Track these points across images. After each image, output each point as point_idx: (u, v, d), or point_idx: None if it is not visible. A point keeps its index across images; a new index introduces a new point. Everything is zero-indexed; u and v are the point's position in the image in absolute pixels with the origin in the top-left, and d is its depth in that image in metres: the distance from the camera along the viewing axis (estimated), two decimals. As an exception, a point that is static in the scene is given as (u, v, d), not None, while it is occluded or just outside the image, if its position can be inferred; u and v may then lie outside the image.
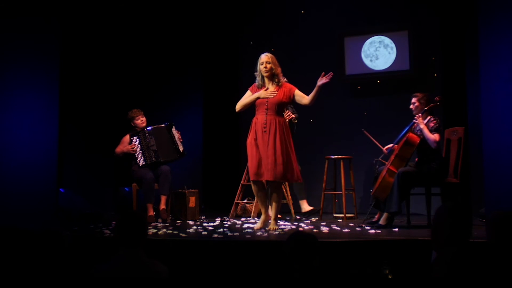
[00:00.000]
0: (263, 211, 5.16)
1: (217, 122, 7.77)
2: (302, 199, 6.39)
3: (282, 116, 5.13)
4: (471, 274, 2.29)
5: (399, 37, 7.07)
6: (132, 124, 6.29)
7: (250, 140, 5.05)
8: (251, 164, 5.01)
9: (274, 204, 5.05)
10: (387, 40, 7.13)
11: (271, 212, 5.15)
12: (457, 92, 6.38)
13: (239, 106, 5.15)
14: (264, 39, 7.70)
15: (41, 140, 5.29)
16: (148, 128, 6.26)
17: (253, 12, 7.81)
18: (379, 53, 7.17)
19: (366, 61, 7.23)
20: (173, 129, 6.28)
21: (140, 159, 6.18)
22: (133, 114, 6.26)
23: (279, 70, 5.09)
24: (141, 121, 6.27)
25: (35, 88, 5.30)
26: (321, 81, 4.93)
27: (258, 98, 5.04)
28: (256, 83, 5.14)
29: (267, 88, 5.07)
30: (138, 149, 6.19)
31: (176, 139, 6.25)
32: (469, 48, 6.14)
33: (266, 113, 4.99)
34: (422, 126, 5.13)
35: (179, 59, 7.59)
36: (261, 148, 4.96)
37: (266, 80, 5.10)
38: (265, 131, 4.95)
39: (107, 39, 7.21)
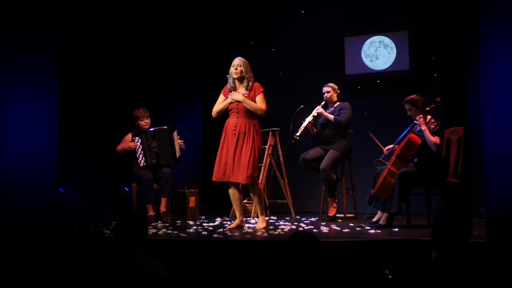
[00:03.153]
0: (237, 215, 5.27)
1: (217, 122, 7.74)
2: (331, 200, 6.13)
3: (254, 118, 5.13)
4: (471, 274, 2.29)
5: (399, 37, 7.07)
6: (136, 123, 6.28)
7: (221, 142, 5.14)
8: (216, 166, 5.08)
9: (256, 203, 5.18)
10: (387, 40, 7.13)
11: (256, 211, 5.20)
12: (457, 92, 6.38)
13: (214, 112, 5.23)
14: (264, 39, 7.72)
15: (41, 140, 5.28)
16: (151, 129, 6.26)
17: (253, 12, 7.82)
18: (379, 53, 7.18)
19: (366, 61, 7.23)
20: (175, 133, 6.26)
21: (141, 160, 6.18)
22: (139, 114, 6.24)
23: (250, 74, 5.15)
24: (145, 122, 6.26)
25: (35, 88, 5.30)
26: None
27: (231, 102, 5.11)
28: (228, 86, 5.21)
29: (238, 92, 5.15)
30: (140, 149, 6.19)
31: (175, 143, 6.24)
32: (469, 48, 6.14)
33: (237, 116, 5.08)
34: (423, 127, 5.10)
35: (179, 59, 7.59)
36: (229, 151, 5.03)
37: (237, 82, 5.17)
38: (234, 134, 5.04)
39: (107, 39, 7.21)
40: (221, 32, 7.83)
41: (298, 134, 5.97)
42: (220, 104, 5.20)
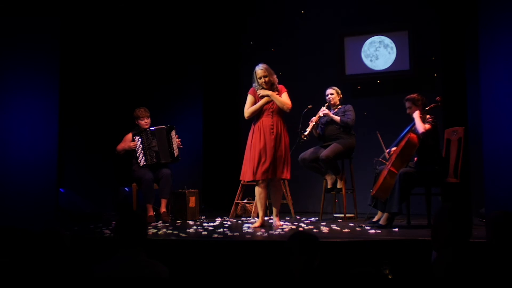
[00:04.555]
0: (261, 214, 5.35)
1: (217, 122, 7.77)
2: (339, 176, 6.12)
3: (284, 117, 5.36)
4: (471, 274, 2.29)
5: (399, 37, 7.07)
6: (136, 122, 6.29)
7: (254, 142, 5.26)
8: (260, 163, 5.20)
9: (278, 200, 5.38)
10: (387, 40, 7.13)
11: (275, 208, 5.36)
12: (457, 92, 6.38)
13: (248, 113, 5.35)
14: (264, 39, 7.72)
15: (41, 140, 5.28)
16: (151, 129, 6.26)
17: (253, 12, 7.82)
18: (379, 53, 7.18)
19: (366, 61, 7.23)
20: (173, 132, 6.27)
21: (141, 159, 6.18)
22: (140, 113, 6.25)
23: (274, 77, 5.38)
24: (145, 122, 6.27)
25: (35, 88, 5.30)
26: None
27: (267, 102, 5.30)
28: (257, 91, 5.37)
29: None
30: (140, 148, 6.19)
31: (174, 143, 6.25)
32: (469, 48, 6.14)
33: (272, 116, 5.27)
34: (415, 115, 5.13)
35: (179, 59, 7.59)
36: (268, 150, 5.20)
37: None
38: (272, 133, 5.22)
39: (107, 39, 7.21)
40: (222, 33, 7.83)
41: (306, 133, 5.98)
42: (253, 105, 5.33)
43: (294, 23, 7.60)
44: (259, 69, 5.32)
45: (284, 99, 5.29)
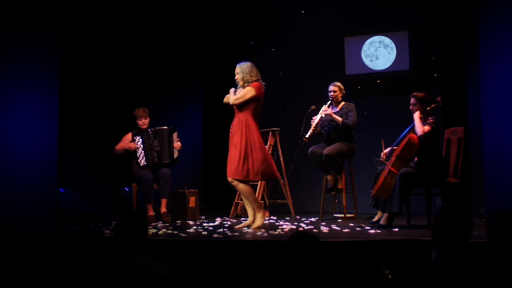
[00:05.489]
0: (250, 213, 5.26)
1: (217, 122, 7.76)
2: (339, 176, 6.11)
3: (246, 115, 5.11)
4: (471, 274, 2.29)
5: (399, 37, 7.07)
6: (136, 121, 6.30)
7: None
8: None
9: (245, 201, 5.24)
10: (387, 40, 7.13)
11: (252, 209, 5.21)
12: (457, 92, 6.37)
13: (225, 100, 5.28)
14: (264, 39, 7.72)
15: (41, 140, 5.28)
16: (151, 129, 6.26)
17: (253, 12, 7.82)
18: (379, 53, 7.18)
19: (366, 61, 7.23)
20: (174, 134, 6.27)
21: (141, 159, 6.18)
22: (137, 114, 6.25)
23: (247, 77, 5.15)
24: (142, 122, 6.26)
25: (35, 88, 5.30)
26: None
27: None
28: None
29: None
30: (141, 149, 6.19)
31: (174, 145, 6.25)
32: (469, 48, 6.14)
33: (234, 116, 5.23)
34: (415, 116, 5.13)
35: (179, 59, 7.59)
36: (229, 148, 5.17)
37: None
38: (231, 132, 5.21)
39: (107, 39, 7.21)
40: (222, 33, 7.83)
41: (307, 135, 5.95)
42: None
43: (294, 23, 7.60)
44: (236, 66, 5.25)
45: (239, 95, 5.08)
